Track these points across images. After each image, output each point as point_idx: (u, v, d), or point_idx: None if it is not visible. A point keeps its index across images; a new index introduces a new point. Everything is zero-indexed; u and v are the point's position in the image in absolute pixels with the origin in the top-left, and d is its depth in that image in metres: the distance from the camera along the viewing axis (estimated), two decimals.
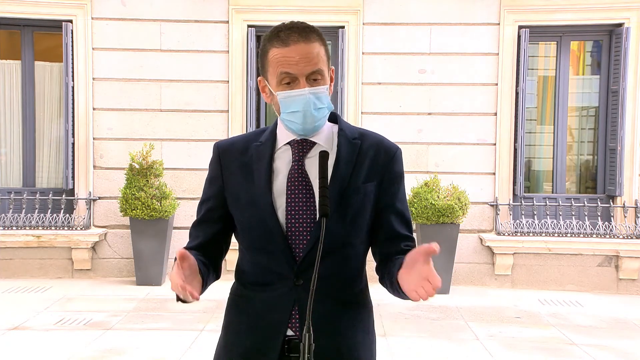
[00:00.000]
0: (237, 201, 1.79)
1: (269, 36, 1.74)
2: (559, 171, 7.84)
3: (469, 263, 7.58)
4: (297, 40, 1.68)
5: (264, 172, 1.76)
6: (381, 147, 1.81)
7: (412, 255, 1.60)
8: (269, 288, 1.75)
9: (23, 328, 5.59)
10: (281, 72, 1.69)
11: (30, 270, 7.51)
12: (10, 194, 7.62)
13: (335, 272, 1.75)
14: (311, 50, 1.69)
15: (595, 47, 8.15)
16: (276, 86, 1.72)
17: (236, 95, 7.64)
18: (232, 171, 1.81)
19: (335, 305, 1.76)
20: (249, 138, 1.86)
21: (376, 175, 1.78)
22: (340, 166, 1.75)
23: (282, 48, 1.69)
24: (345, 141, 1.79)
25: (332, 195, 1.69)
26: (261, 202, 1.74)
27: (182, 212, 7.53)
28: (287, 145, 1.79)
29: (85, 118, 7.65)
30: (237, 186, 1.79)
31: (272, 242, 1.73)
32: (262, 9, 7.61)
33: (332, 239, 1.68)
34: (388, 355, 4.98)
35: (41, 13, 7.61)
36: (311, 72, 1.69)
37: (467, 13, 7.60)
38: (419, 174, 7.33)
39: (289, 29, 1.71)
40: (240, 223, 1.80)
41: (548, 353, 5.20)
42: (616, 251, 7.36)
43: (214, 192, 1.84)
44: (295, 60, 1.68)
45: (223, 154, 1.84)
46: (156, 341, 5.30)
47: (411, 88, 7.65)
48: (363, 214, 1.77)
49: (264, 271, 1.76)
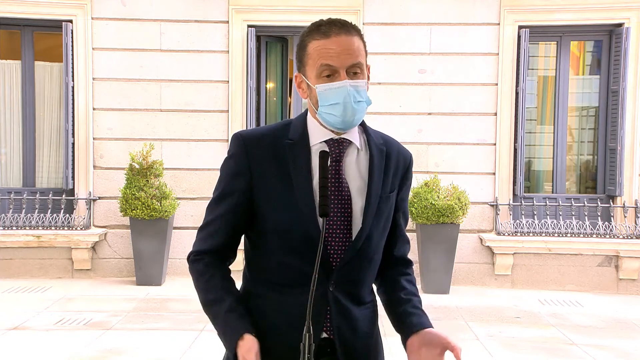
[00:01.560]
0: (272, 200, 1.71)
1: (309, 31, 1.72)
2: (559, 171, 7.84)
3: (469, 263, 7.58)
4: (338, 33, 1.67)
5: (303, 174, 1.71)
6: (400, 155, 1.85)
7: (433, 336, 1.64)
8: (299, 290, 1.66)
9: (23, 328, 5.59)
10: (322, 64, 1.67)
11: (30, 270, 7.51)
12: (10, 194, 7.62)
13: (366, 276, 1.79)
14: (352, 42, 1.68)
15: (595, 47, 8.15)
16: (315, 79, 1.69)
17: (236, 95, 7.64)
18: (264, 167, 1.72)
19: (359, 307, 1.78)
20: (275, 133, 1.77)
21: (397, 183, 1.83)
22: (374, 174, 1.75)
23: (323, 40, 1.68)
24: (375, 147, 1.79)
25: (371, 203, 1.72)
26: (303, 205, 1.69)
27: (182, 212, 7.53)
28: (323, 143, 1.74)
29: (85, 118, 7.65)
30: (272, 185, 1.71)
31: (310, 245, 1.66)
32: (262, 9, 7.61)
33: (371, 247, 1.74)
34: (388, 355, 4.94)
35: (41, 13, 7.61)
36: (351, 65, 1.67)
37: (467, 13, 7.60)
38: (419, 174, 7.33)
39: (330, 23, 1.70)
40: (274, 223, 1.71)
41: (548, 353, 5.20)
42: (616, 251, 7.36)
43: (240, 187, 1.73)
44: (336, 52, 1.66)
45: (251, 147, 1.74)
46: (156, 341, 5.30)
47: (411, 88, 7.65)
48: (389, 221, 1.81)
49: (294, 273, 1.71)
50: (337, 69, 1.67)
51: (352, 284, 1.74)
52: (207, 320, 4.36)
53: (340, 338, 1.71)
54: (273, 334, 1.71)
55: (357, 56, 1.68)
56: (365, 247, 1.72)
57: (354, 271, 1.71)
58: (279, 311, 1.72)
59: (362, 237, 1.71)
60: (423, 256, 7.10)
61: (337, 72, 1.67)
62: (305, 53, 1.71)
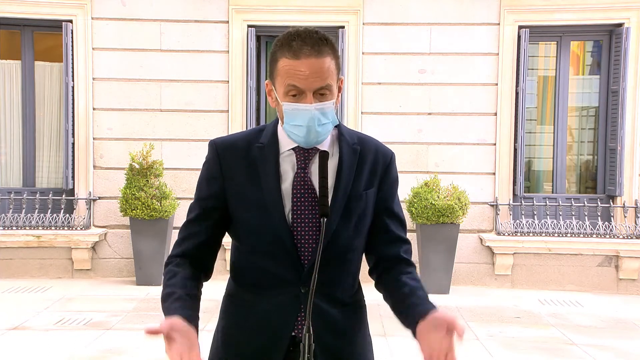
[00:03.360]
0: (242, 203, 1.76)
1: (281, 43, 1.69)
2: (559, 171, 7.84)
3: (469, 263, 7.58)
4: (308, 55, 1.65)
5: (272, 176, 1.74)
6: (379, 153, 1.84)
7: (439, 318, 1.62)
8: (272, 292, 1.75)
9: (23, 328, 5.59)
10: (289, 84, 1.67)
11: (30, 270, 7.51)
12: (10, 194, 7.62)
13: (339, 276, 1.79)
14: (322, 65, 1.66)
15: (595, 47, 8.15)
16: (283, 96, 1.70)
17: (236, 95, 7.64)
18: (234, 171, 1.77)
19: (337, 307, 1.79)
20: (248, 138, 1.81)
21: (375, 181, 1.81)
22: (343, 173, 1.76)
23: (292, 60, 1.65)
24: (346, 147, 1.79)
25: (337, 202, 1.73)
26: (271, 206, 1.72)
27: (182, 212, 7.53)
28: (291, 150, 1.77)
29: (85, 118, 7.65)
30: (242, 187, 1.76)
31: (280, 247, 1.73)
32: (262, 9, 7.61)
33: (338, 245, 1.75)
34: (388, 355, 4.97)
35: (41, 13, 7.61)
36: (319, 88, 1.67)
37: (467, 13, 7.60)
38: (419, 174, 7.33)
39: (302, 40, 1.66)
40: (246, 225, 1.77)
41: (548, 353, 5.20)
42: (616, 251, 7.36)
43: (213, 191, 1.79)
44: (304, 75, 1.65)
45: (223, 153, 1.79)
46: (156, 341, 5.28)
47: (411, 88, 7.65)
48: (365, 220, 1.80)
49: (267, 275, 1.76)
50: (304, 91, 1.67)
51: (326, 285, 1.74)
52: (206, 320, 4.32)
53: (318, 340, 1.70)
54: (244, 334, 1.78)
55: (325, 79, 1.67)
56: (333, 247, 1.72)
57: (325, 272, 1.68)
58: (251, 312, 1.78)
59: (327, 236, 1.70)
60: (423, 256, 7.10)
61: (304, 93, 1.67)
62: (275, 66, 1.70)
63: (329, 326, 1.76)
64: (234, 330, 1.81)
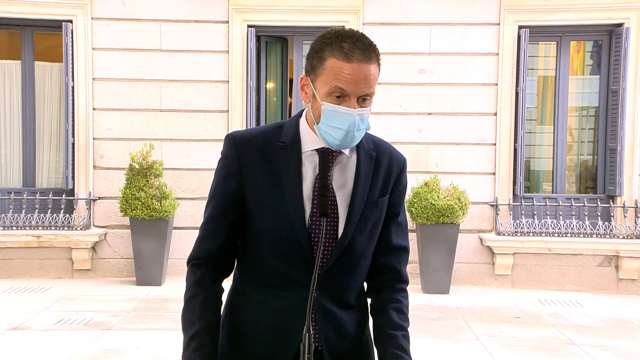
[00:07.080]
0: (261, 202, 1.73)
1: (330, 41, 1.66)
2: (559, 171, 7.84)
3: (469, 263, 7.58)
4: (360, 59, 1.63)
5: (294, 177, 1.72)
6: (393, 159, 1.84)
7: None
8: (283, 293, 1.74)
9: (23, 328, 5.59)
10: (336, 86, 1.64)
11: (30, 270, 7.51)
12: (10, 194, 7.62)
13: (350, 280, 1.80)
14: (370, 71, 1.66)
15: (595, 47, 8.15)
16: (325, 95, 1.66)
17: (236, 95, 7.64)
18: (254, 169, 1.74)
19: (344, 310, 1.80)
20: (266, 135, 1.78)
21: (388, 188, 1.82)
22: (360, 180, 1.76)
23: (343, 62, 1.63)
24: (364, 153, 1.79)
25: (355, 209, 1.73)
26: (292, 209, 1.70)
27: (182, 212, 7.53)
28: (314, 151, 1.75)
29: (85, 118, 7.65)
30: (261, 186, 1.73)
31: (296, 249, 1.71)
32: (262, 9, 7.61)
33: (354, 252, 1.75)
34: None
35: (41, 13, 7.61)
36: (364, 94, 1.66)
37: (467, 13, 7.60)
38: (419, 174, 7.33)
39: (354, 43, 1.64)
40: (262, 225, 1.74)
41: (548, 353, 5.20)
42: (616, 251, 7.36)
43: (232, 188, 1.75)
44: (353, 79, 1.63)
45: (242, 148, 1.75)
46: (156, 341, 5.30)
47: (411, 88, 7.65)
48: (378, 227, 1.81)
49: (278, 276, 1.74)
50: (349, 94, 1.65)
51: (337, 289, 1.76)
52: None
53: (326, 342, 1.73)
54: (253, 334, 1.77)
55: (371, 86, 1.67)
56: (349, 253, 1.74)
57: (338, 276, 1.73)
58: (261, 312, 1.76)
59: (344, 243, 1.72)
60: (423, 256, 7.10)
61: (348, 97, 1.65)
62: (320, 64, 1.67)
63: (337, 328, 1.77)
64: (242, 329, 1.80)
